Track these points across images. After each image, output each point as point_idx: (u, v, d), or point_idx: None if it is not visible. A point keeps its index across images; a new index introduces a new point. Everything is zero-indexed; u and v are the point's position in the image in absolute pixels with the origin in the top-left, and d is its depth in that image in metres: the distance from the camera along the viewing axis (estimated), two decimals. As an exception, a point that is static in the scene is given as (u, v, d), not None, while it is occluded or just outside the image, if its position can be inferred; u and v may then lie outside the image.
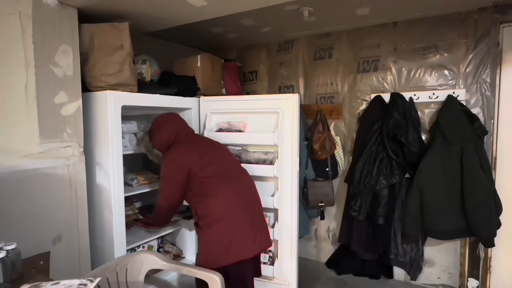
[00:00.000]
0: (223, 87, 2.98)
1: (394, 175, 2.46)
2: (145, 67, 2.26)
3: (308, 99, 3.11)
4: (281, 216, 2.32)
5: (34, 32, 1.60)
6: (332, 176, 2.81)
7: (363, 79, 2.82)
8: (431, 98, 2.50)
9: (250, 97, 2.72)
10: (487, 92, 2.37)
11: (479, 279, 2.45)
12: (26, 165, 1.58)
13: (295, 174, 2.26)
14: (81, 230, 1.83)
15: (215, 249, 1.74)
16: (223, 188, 1.79)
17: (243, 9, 1.98)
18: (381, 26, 2.71)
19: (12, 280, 1.19)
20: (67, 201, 1.76)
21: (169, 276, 2.30)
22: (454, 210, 2.28)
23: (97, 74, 1.88)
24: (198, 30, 2.73)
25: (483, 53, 2.36)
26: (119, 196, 1.93)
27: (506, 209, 2.28)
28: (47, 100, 1.66)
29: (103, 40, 1.89)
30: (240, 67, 3.33)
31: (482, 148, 2.27)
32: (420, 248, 2.59)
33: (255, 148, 2.44)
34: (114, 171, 1.89)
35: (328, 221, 3.01)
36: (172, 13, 2.05)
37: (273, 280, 2.34)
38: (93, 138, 1.92)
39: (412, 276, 2.61)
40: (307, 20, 2.48)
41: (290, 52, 3.17)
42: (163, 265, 1.50)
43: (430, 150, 2.35)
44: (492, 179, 2.29)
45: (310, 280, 2.76)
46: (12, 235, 1.39)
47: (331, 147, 2.82)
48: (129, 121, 2.27)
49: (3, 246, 1.19)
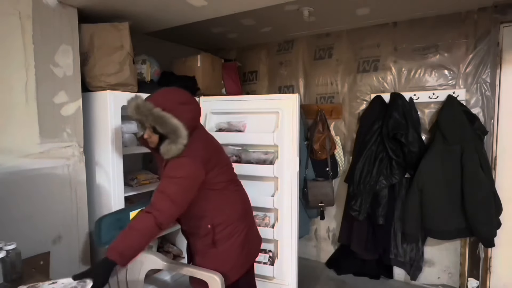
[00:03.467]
0: (223, 87, 2.98)
1: (394, 175, 2.46)
2: (145, 67, 2.26)
3: (308, 99, 3.10)
4: (281, 216, 2.32)
5: (34, 32, 1.60)
6: (332, 176, 2.81)
7: (363, 79, 2.82)
8: (431, 98, 2.50)
9: (250, 97, 2.72)
10: (487, 92, 2.37)
11: (479, 279, 2.45)
12: (26, 165, 1.58)
13: (295, 174, 2.26)
14: (81, 230, 1.84)
15: (237, 260, 1.54)
16: (236, 192, 1.62)
17: (243, 9, 1.98)
18: (381, 26, 2.71)
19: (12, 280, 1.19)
20: (67, 201, 1.76)
21: (169, 276, 2.30)
22: (454, 210, 2.28)
23: (97, 74, 1.88)
24: (198, 30, 2.73)
25: (483, 53, 2.36)
26: (119, 196, 1.93)
27: (506, 209, 2.28)
28: (47, 100, 1.66)
29: (103, 40, 1.89)
30: (240, 67, 3.33)
31: (482, 148, 2.27)
32: (420, 248, 2.59)
33: (255, 148, 2.44)
34: (114, 171, 1.89)
35: (328, 221, 3.01)
36: (172, 13, 2.05)
37: (273, 280, 2.34)
38: (93, 138, 1.92)
39: (412, 276, 2.61)
40: (307, 20, 2.48)
41: (290, 52, 3.17)
42: (163, 265, 1.50)
43: (430, 150, 2.35)
44: (492, 179, 2.28)
45: (310, 280, 2.76)
46: (12, 235, 1.39)
47: (331, 147, 2.82)
48: (129, 121, 2.27)
49: (3, 246, 1.19)
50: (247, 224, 1.62)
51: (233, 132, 2.41)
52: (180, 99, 1.44)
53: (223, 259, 1.50)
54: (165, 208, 1.31)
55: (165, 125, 1.36)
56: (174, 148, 1.36)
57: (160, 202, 1.32)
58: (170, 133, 1.37)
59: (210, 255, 1.52)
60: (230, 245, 1.51)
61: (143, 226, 1.29)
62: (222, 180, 1.52)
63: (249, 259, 1.65)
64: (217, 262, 1.48)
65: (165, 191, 1.33)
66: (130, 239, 1.27)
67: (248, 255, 1.62)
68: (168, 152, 1.37)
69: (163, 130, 1.37)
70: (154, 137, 1.43)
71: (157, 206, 1.31)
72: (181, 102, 1.43)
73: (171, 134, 1.37)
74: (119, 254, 1.23)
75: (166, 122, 1.35)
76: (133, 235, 1.28)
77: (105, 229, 1.67)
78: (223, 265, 1.47)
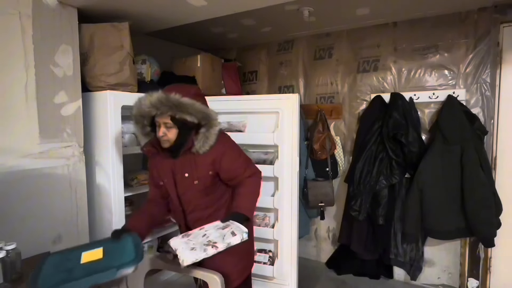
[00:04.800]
0: (223, 87, 2.98)
1: (394, 175, 2.46)
2: (145, 67, 2.26)
3: (308, 99, 3.10)
4: (281, 216, 2.32)
5: (34, 32, 1.60)
6: (332, 176, 2.81)
7: (363, 79, 2.82)
8: (431, 98, 2.50)
9: (250, 97, 2.72)
10: (487, 92, 2.37)
11: (479, 279, 2.45)
12: (26, 165, 1.58)
13: (295, 174, 2.26)
14: (81, 230, 1.84)
15: (251, 254, 1.69)
16: None
17: (243, 9, 1.98)
18: (381, 26, 2.71)
19: (12, 280, 1.19)
20: (67, 201, 1.76)
21: (169, 276, 2.30)
22: (454, 210, 2.28)
23: (97, 74, 1.88)
24: (198, 30, 2.73)
25: (483, 53, 2.36)
26: (119, 196, 1.93)
27: (506, 209, 2.28)
28: (47, 100, 1.66)
29: (103, 40, 1.89)
30: (240, 67, 3.33)
31: (482, 148, 2.27)
32: (420, 248, 2.58)
33: (255, 148, 2.44)
34: (114, 171, 1.89)
35: (328, 221, 3.01)
36: (172, 13, 2.05)
37: (273, 280, 2.34)
38: (93, 138, 1.92)
39: (412, 276, 2.61)
40: (307, 20, 2.48)
41: (290, 52, 3.17)
42: (163, 265, 1.50)
43: (430, 150, 2.35)
44: (492, 179, 2.28)
45: (310, 280, 2.76)
46: (12, 235, 1.39)
47: (331, 147, 2.82)
48: (129, 121, 2.27)
49: (3, 246, 1.19)
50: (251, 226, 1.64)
51: (233, 132, 2.41)
52: (198, 91, 1.51)
53: (245, 256, 1.61)
54: (255, 167, 1.60)
55: (198, 112, 1.39)
56: (213, 133, 1.44)
57: (251, 166, 1.58)
58: (204, 118, 1.42)
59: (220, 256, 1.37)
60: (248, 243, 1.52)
61: (258, 186, 1.57)
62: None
63: (251, 263, 1.69)
64: (234, 260, 1.54)
65: (243, 160, 1.56)
66: (253, 199, 1.53)
67: (251, 259, 1.66)
68: (207, 140, 1.43)
69: (196, 117, 1.39)
70: (172, 132, 1.40)
71: (253, 169, 1.58)
72: (199, 94, 1.50)
73: (204, 120, 1.42)
74: (251, 212, 1.48)
75: (198, 109, 1.39)
76: (254, 196, 1.54)
77: (48, 270, 1.15)
78: (245, 253, 1.60)
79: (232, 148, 1.55)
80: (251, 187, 1.54)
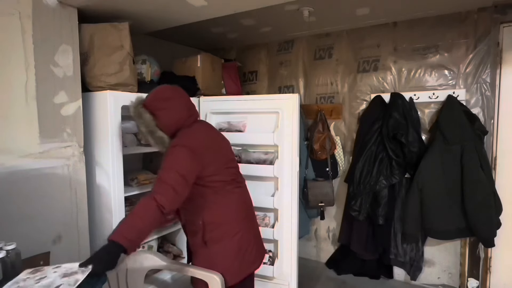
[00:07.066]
0: (223, 87, 2.98)
1: (394, 175, 2.46)
2: (145, 67, 2.26)
3: (308, 99, 3.10)
4: (281, 216, 2.32)
5: (34, 32, 1.60)
6: (332, 176, 2.81)
7: (363, 79, 2.82)
8: (431, 98, 2.50)
9: (250, 97, 2.72)
10: (487, 92, 2.37)
11: (479, 279, 2.45)
12: (26, 165, 1.58)
13: (295, 174, 2.26)
14: (81, 230, 1.83)
15: (231, 264, 1.48)
16: (233, 194, 1.57)
17: (243, 9, 1.98)
18: (381, 26, 2.71)
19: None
20: (67, 201, 1.75)
21: (169, 276, 2.30)
22: (454, 210, 2.28)
23: (97, 74, 1.88)
24: (198, 30, 2.73)
25: (483, 53, 2.36)
26: (119, 196, 1.93)
27: (506, 209, 2.28)
28: (47, 100, 1.66)
29: (103, 40, 1.89)
30: (240, 67, 3.33)
31: (482, 148, 2.27)
32: (420, 248, 2.59)
33: (255, 148, 2.44)
34: (114, 171, 1.89)
35: (328, 221, 3.01)
36: (172, 13, 2.04)
37: (273, 280, 2.34)
38: (93, 138, 1.92)
39: (412, 276, 2.61)
40: (307, 20, 2.48)
41: (290, 52, 3.17)
42: (163, 265, 1.49)
43: (430, 150, 2.35)
44: (492, 179, 2.28)
45: (310, 280, 2.76)
46: (12, 235, 1.38)
47: (331, 147, 2.82)
48: (129, 121, 2.27)
49: (3, 246, 1.19)
50: (243, 227, 1.55)
51: (233, 132, 2.41)
52: (157, 95, 1.55)
53: (213, 261, 1.46)
54: (167, 191, 1.31)
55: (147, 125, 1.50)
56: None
57: (163, 186, 1.32)
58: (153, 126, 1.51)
59: (201, 255, 1.52)
60: (222, 247, 1.48)
61: (148, 211, 1.28)
62: (219, 180, 1.50)
63: (246, 267, 1.55)
64: (208, 263, 1.45)
65: (165, 172, 1.36)
66: (135, 224, 1.25)
67: (244, 262, 1.53)
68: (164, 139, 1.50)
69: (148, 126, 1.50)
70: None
71: (161, 190, 1.31)
72: (163, 97, 1.54)
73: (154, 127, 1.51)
74: (130, 241, 1.21)
75: (147, 122, 1.49)
76: (138, 222, 1.26)
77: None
78: (214, 267, 1.42)
79: (173, 151, 1.39)
80: (140, 209, 1.28)
